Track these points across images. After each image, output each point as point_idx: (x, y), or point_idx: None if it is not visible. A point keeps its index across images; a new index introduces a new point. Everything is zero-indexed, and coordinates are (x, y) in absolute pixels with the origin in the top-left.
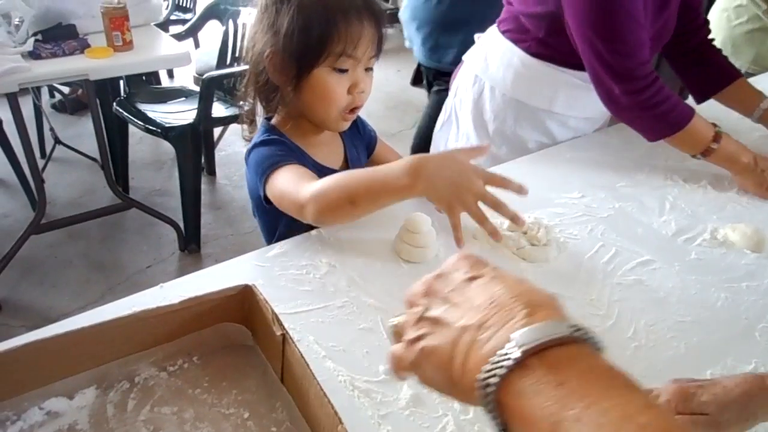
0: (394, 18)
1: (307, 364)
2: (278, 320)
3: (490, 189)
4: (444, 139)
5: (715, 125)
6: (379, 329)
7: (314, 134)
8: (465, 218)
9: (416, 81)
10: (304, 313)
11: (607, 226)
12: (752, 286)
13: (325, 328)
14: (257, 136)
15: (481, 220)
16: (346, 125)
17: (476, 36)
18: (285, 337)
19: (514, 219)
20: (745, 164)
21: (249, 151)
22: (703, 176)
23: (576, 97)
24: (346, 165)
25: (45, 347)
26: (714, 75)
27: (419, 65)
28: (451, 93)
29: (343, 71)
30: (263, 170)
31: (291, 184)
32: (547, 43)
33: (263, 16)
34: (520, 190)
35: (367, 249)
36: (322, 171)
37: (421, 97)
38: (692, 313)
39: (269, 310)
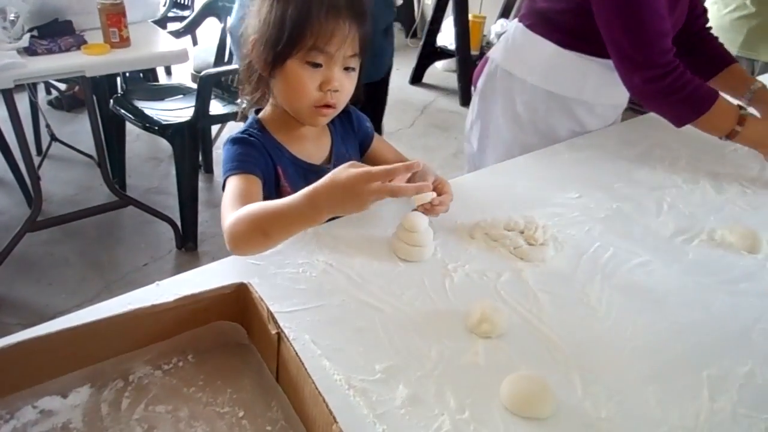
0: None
1: (302, 363)
2: (273, 319)
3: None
4: (476, 137)
5: (740, 107)
6: (376, 328)
7: (298, 128)
8: (463, 218)
9: (415, 80)
10: (300, 312)
11: (604, 226)
12: (749, 288)
13: (322, 326)
14: (240, 128)
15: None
16: (322, 121)
17: (495, 32)
18: (280, 336)
19: (419, 189)
20: None
21: (224, 144)
22: (700, 177)
23: (603, 85)
24: (330, 160)
25: (38, 345)
26: (709, 61)
27: (418, 63)
28: (476, 91)
29: (316, 66)
30: (223, 173)
31: (226, 203)
32: (575, 34)
33: (256, 3)
34: (409, 168)
35: (364, 248)
36: (300, 166)
37: (420, 96)
38: (689, 315)
39: (264, 308)
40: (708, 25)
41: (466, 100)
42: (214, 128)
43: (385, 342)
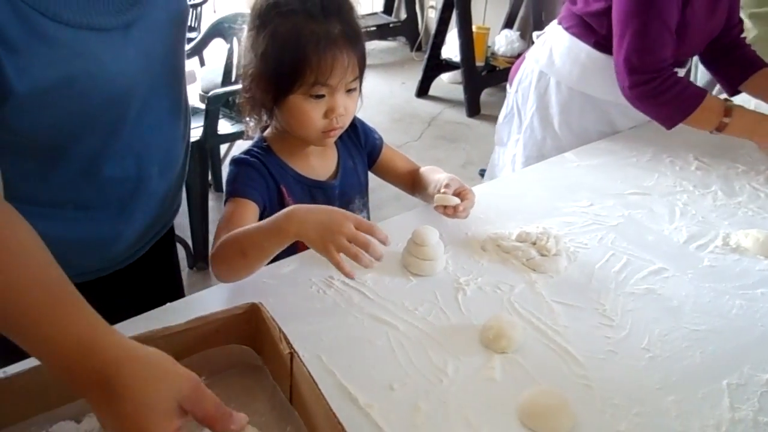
0: (397, 31)
1: (315, 383)
2: (286, 339)
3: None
4: (507, 131)
5: (727, 100)
6: (390, 345)
7: (302, 147)
8: (474, 230)
9: (421, 93)
10: (313, 331)
11: (617, 234)
12: (767, 293)
13: (335, 345)
14: (245, 149)
15: (351, 257)
16: (330, 142)
17: (535, 34)
18: (293, 356)
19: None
20: (763, 133)
21: (230, 164)
22: (712, 182)
23: None
24: (337, 175)
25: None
26: (739, 65)
27: (424, 76)
28: (511, 88)
29: (319, 97)
30: (224, 193)
31: (218, 229)
32: (609, 37)
33: (248, 35)
34: (384, 240)
35: (376, 264)
36: (305, 183)
37: (427, 108)
38: (707, 322)
39: (276, 328)
40: (743, 35)
41: (472, 112)
42: (223, 147)
43: (400, 359)
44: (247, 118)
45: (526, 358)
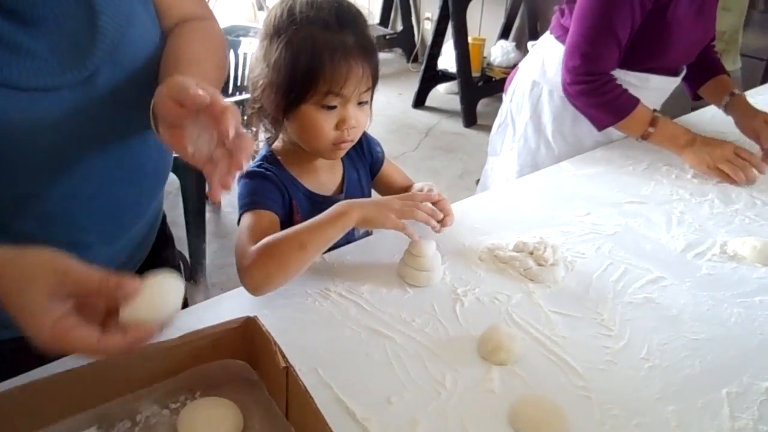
0: (393, 43)
1: (311, 398)
2: (281, 353)
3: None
4: (500, 141)
5: (654, 110)
6: (387, 358)
7: (310, 161)
8: (471, 241)
9: (418, 103)
10: (309, 344)
11: (614, 243)
12: (765, 301)
13: (332, 358)
14: (252, 163)
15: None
16: (340, 155)
17: (530, 44)
18: (288, 371)
19: (429, 218)
20: (684, 143)
21: (238, 179)
22: (709, 190)
23: None
24: (342, 189)
25: (44, 388)
26: (701, 69)
27: (420, 87)
28: (506, 98)
29: (331, 108)
30: (239, 207)
31: (244, 239)
32: None
33: (260, 46)
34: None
35: (371, 275)
36: (314, 200)
37: (423, 119)
38: (706, 331)
39: (272, 342)
40: (713, 42)
41: (469, 122)
42: None
43: (398, 372)
44: (251, 129)
45: (524, 369)
